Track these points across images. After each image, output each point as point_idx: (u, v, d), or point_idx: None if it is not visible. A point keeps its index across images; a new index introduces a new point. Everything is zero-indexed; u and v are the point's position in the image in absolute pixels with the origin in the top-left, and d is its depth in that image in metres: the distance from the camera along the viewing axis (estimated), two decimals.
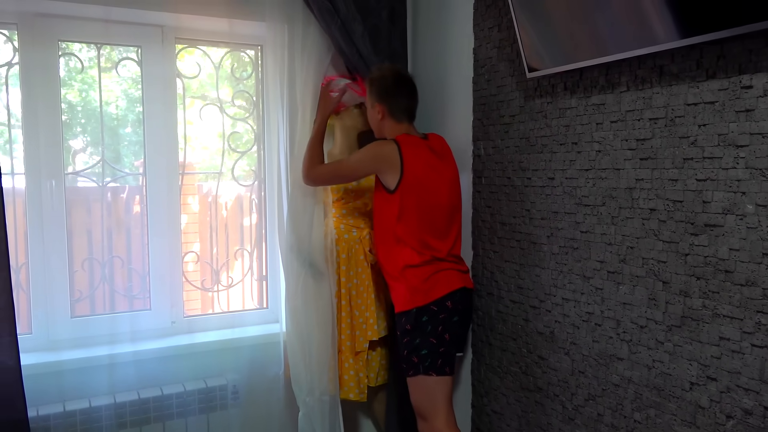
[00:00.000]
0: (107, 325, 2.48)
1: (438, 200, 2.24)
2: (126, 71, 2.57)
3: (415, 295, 2.20)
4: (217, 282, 2.77)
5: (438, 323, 2.19)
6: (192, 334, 2.64)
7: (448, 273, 2.23)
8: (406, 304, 2.23)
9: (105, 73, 2.53)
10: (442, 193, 2.26)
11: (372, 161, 2.25)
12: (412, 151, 2.21)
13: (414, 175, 2.19)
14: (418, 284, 2.20)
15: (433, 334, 2.19)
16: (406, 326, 2.22)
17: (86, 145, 2.57)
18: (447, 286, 2.21)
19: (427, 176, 2.22)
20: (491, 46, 2.35)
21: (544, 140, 2.12)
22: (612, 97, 1.85)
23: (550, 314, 2.13)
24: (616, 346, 1.87)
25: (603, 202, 1.90)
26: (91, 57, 2.51)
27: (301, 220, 2.59)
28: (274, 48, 2.57)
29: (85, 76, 2.53)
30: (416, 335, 2.20)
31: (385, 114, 2.31)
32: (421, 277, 2.20)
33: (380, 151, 2.23)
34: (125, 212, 2.68)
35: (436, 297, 2.19)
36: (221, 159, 2.73)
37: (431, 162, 2.25)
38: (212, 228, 2.82)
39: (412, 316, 2.20)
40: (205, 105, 2.70)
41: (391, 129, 2.32)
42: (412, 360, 2.20)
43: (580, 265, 1.99)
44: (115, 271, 2.60)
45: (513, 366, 2.32)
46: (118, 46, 2.56)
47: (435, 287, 2.20)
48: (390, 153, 2.20)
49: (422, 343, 2.19)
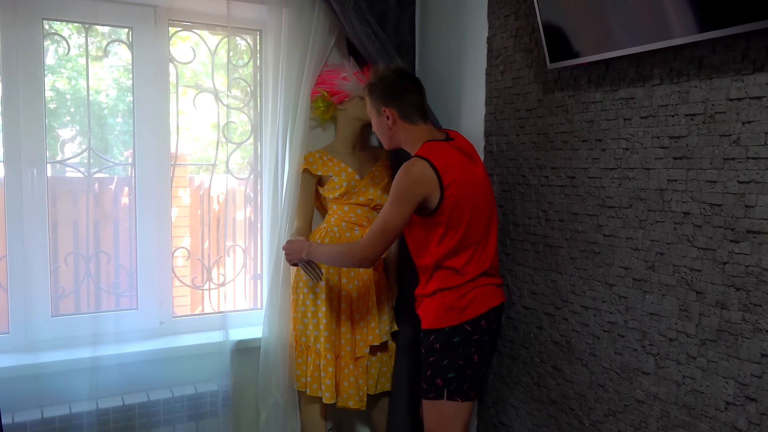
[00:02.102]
0: (90, 325, 2.31)
1: (478, 208, 2.02)
2: (117, 59, 2.41)
3: (450, 313, 2.01)
4: (209, 280, 2.62)
5: (470, 344, 2.02)
6: (181, 335, 2.48)
7: (487, 289, 2.04)
8: (437, 322, 2.02)
9: (96, 62, 2.37)
10: (481, 199, 2.03)
11: (413, 190, 1.92)
12: (444, 162, 1.94)
13: (455, 187, 1.94)
14: (453, 301, 2.01)
15: (463, 355, 2.01)
16: (435, 345, 2.02)
17: (76, 134, 2.41)
18: (485, 304, 2.03)
19: (466, 185, 1.97)
20: (507, 36, 2.20)
21: (564, 136, 1.98)
22: (642, 90, 1.71)
23: (567, 323, 1.99)
24: (642, 360, 1.74)
25: (630, 204, 1.76)
26: (80, 44, 2.34)
27: (299, 216, 2.46)
28: (274, 32, 2.42)
29: (75, 64, 2.37)
30: (444, 356, 2.01)
31: (396, 118, 2.04)
32: (457, 293, 2.01)
33: (414, 176, 1.92)
34: (113, 204, 2.52)
35: (471, 316, 2.00)
36: (215, 150, 2.57)
37: (465, 167, 2.00)
38: (204, 222, 2.66)
39: (443, 336, 2.01)
40: (198, 94, 2.54)
41: (407, 134, 2.06)
42: (436, 382, 2.03)
43: (602, 271, 1.86)
44: (101, 266, 2.44)
45: (524, 376, 2.18)
46: (108, 27, 2.39)
47: (472, 305, 2.01)
48: (424, 173, 1.91)
49: (450, 365, 2.01)
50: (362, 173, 2.46)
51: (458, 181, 1.95)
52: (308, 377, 2.38)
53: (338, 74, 2.44)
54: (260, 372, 2.42)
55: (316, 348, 2.38)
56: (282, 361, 2.40)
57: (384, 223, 1.97)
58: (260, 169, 2.64)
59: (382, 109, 2.06)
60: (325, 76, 2.46)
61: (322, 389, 2.35)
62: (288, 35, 2.37)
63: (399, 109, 2.04)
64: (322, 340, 2.35)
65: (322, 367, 2.35)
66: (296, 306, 2.43)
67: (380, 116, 2.07)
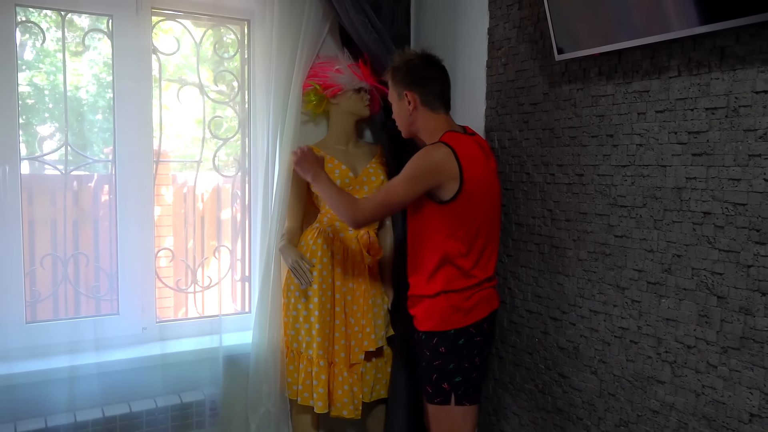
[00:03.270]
0: (68, 332, 2.17)
1: (491, 209, 1.93)
2: (96, 54, 2.27)
3: (455, 315, 1.90)
4: (194, 282, 2.49)
5: (474, 347, 1.92)
6: (165, 341, 2.34)
7: (488, 292, 1.96)
8: (441, 324, 1.91)
9: (75, 57, 2.23)
10: (493, 199, 1.94)
11: (427, 176, 1.84)
12: (467, 152, 1.85)
13: (473, 180, 1.83)
14: (458, 302, 1.90)
15: (468, 358, 1.92)
16: (440, 348, 1.92)
17: (54, 131, 2.27)
18: (488, 306, 1.94)
19: (483, 182, 1.88)
20: (510, 26, 2.10)
21: (572, 132, 1.88)
22: (658, 83, 1.62)
23: (574, 327, 1.90)
24: (656, 368, 1.65)
25: (644, 203, 1.67)
26: (58, 38, 2.20)
27: (289, 216, 2.34)
28: (263, 22, 2.29)
29: (54, 59, 2.23)
30: (450, 360, 1.91)
31: (418, 103, 1.93)
32: (462, 295, 1.91)
33: (433, 160, 1.83)
34: (92, 203, 2.38)
35: (476, 319, 1.91)
36: (201, 147, 2.44)
37: (483, 163, 1.91)
38: (188, 222, 2.53)
39: (448, 339, 1.91)
40: (182, 87, 2.41)
41: (427, 122, 1.95)
42: (443, 387, 1.92)
43: (613, 273, 1.76)
44: (80, 269, 2.30)
45: (528, 383, 2.09)
46: (87, 20, 2.25)
47: (477, 308, 1.91)
48: (445, 160, 1.82)
49: (456, 369, 1.91)
50: (357, 170, 2.34)
51: (478, 176, 1.86)
52: (300, 385, 2.27)
53: (332, 66, 2.32)
54: (250, 380, 2.29)
55: (308, 354, 2.26)
56: (273, 369, 2.27)
57: (387, 195, 1.91)
58: (248, 166, 2.52)
59: (403, 93, 1.96)
60: (318, 68, 2.34)
61: (315, 398, 2.24)
62: (279, 24, 2.25)
63: (421, 95, 1.94)
64: (314, 346, 2.23)
65: (314, 374, 2.24)
66: (287, 310, 2.31)
67: (401, 101, 1.98)
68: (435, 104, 1.95)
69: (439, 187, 1.84)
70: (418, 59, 1.97)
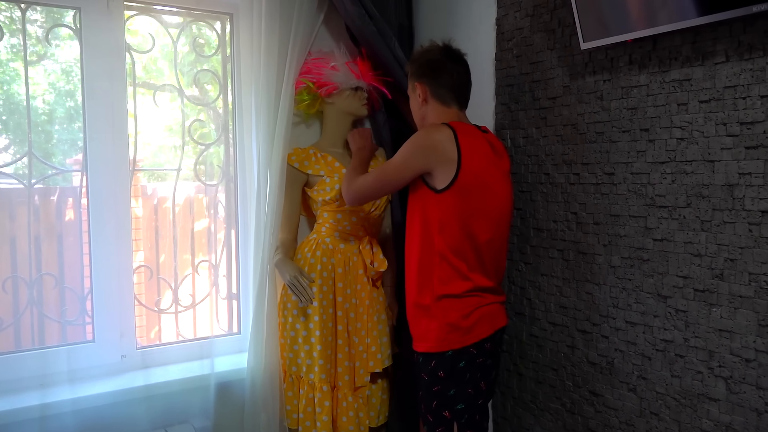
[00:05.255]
0: (37, 364, 1.93)
1: (497, 207, 1.75)
2: (60, 52, 2.04)
3: (452, 334, 1.71)
4: (176, 302, 2.26)
5: (476, 369, 1.73)
6: (148, 369, 2.11)
7: (492, 308, 1.77)
8: (438, 345, 1.72)
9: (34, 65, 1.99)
10: (501, 198, 1.77)
11: (422, 153, 1.70)
12: (470, 140, 1.70)
13: (472, 171, 1.68)
14: (456, 320, 1.71)
15: (471, 383, 1.73)
16: (438, 372, 1.72)
17: (10, 143, 2.02)
18: (491, 324, 1.75)
19: (488, 174, 1.73)
20: (522, 15, 1.94)
21: (598, 127, 1.72)
22: (702, 70, 1.47)
23: (607, 341, 1.73)
24: (708, 384, 1.49)
25: (688, 202, 1.52)
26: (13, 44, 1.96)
27: (283, 226, 2.13)
28: (248, 14, 2.09)
29: (6, 68, 1.99)
30: (450, 384, 1.72)
31: (428, 95, 1.79)
32: (461, 311, 1.71)
33: (430, 138, 1.70)
34: (57, 218, 2.13)
35: (477, 338, 1.72)
36: (180, 153, 2.22)
37: (490, 158, 1.74)
38: (163, 236, 2.30)
39: (446, 361, 1.72)
40: (158, 89, 2.19)
41: (437, 116, 1.79)
42: (443, 415, 1.72)
43: (653, 281, 1.61)
44: (47, 291, 2.05)
45: (553, 402, 1.92)
46: (49, 9, 2.01)
47: (478, 325, 1.72)
48: (443, 141, 1.67)
49: (458, 395, 1.72)
50: None
51: (479, 170, 1.69)
52: (301, 413, 2.06)
53: (326, 63, 2.13)
54: (246, 410, 2.07)
55: (309, 379, 2.05)
56: (271, 396, 2.06)
57: (381, 173, 1.82)
58: (233, 173, 2.30)
59: (415, 84, 1.82)
60: (312, 65, 2.14)
61: (318, 427, 2.03)
62: (267, 17, 2.05)
63: (432, 87, 1.79)
64: (316, 370, 2.03)
65: (317, 401, 2.03)
66: (284, 330, 2.10)
67: (413, 92, 1.85)
68: (446, 98, 1.79)
69: (434, 170, 1.69)
70: (436, 51, 1.81)
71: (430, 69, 1.79)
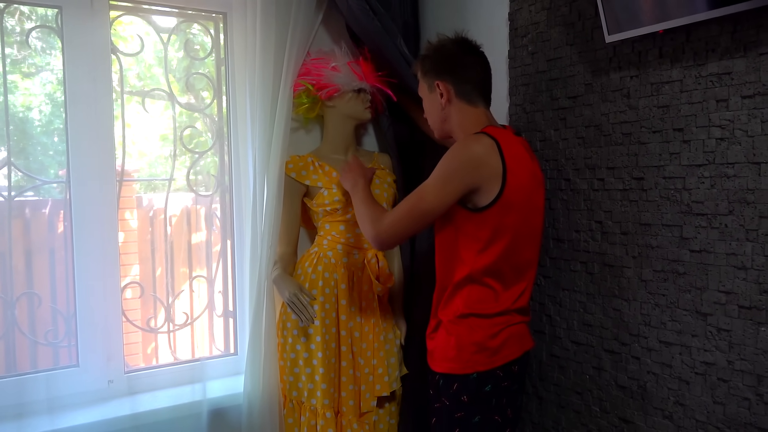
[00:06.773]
0: (14, 392, 1.78)
1: (532, 222, 1.58)
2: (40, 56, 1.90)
3: (479, 355, 1.54)
4: (168, 321, 2.10)
5: (502, 394, 1.56)
6: (136, 395, 1.95)
7: (520, 328, 1.60)
8: (462, 366, 1.55)
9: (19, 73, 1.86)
10: (536, 212, 1.59)
11: (466, 170, 1.47)
12: (512, 151, 1.51)
13: (519, 186, 1.49)
14: (483, 339, 1.54)
15: (498, 410, 1.55)
16: (461, 397, 1.55)
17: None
18: (520, 346, 1.58)
19: (531, 188, 1.54)
20: (537, 8, 1.80)
21: (625, 127, 1.57)
22: (743, 62, 1.33)
23: (639, 362, 1.58)
24: (757, 412, 1.33)
25: (730, 209, 1.36)
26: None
27: (281, 240, 1.98)
28: (243, 13, 1.95)
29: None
30: (475, 411, 1.55)
31: (452, 95, 1.59)
32: (489, 329, 1.54)
33: (472, 151, 1.48)
34: (43, 232, 1.98)
35: (507, 360, 1.55)
36: (172, 163, 2.07)
37: (530, 167, 1.56)
38: (156, 250, 2.15)
39: (471, 384, 1.54)
40: (147, 94, 2.05)
41: (463, 117, 1.60)
42: None
43: (690, 296, 1.45)
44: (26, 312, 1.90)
45: (578, 429, 1.76)
46: (30, 8, 1.88)
47: (506, 346, 1.55)
48: (488, 153, 1.47)
49: (484, 424, 1.54)
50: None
51: (522, 183, 1.51)
52: None
53: (327, 64, 1.98)
54: None
55: (310, 404, 1.89)
56: (270, 424, 1.90)
57: (417, 202, 1.52)
58: (228, 183, 2.16)
59: (434, 83, 1.61)
60: (311, 66, 2.00)
61: None
62: (263, 14, 1.90)
63: (456, 85, 1.59)
64: (318, 395, 1.87)
65: (319, 428, 1.87)
66: (283, 352, 1.95)
67: (432, 93, 1.63)
68: (472, 95, 1.60)
69: (478, 188, 1.48)
70: (451, 44, 1.62)
71: (451, 65, 1.59)
